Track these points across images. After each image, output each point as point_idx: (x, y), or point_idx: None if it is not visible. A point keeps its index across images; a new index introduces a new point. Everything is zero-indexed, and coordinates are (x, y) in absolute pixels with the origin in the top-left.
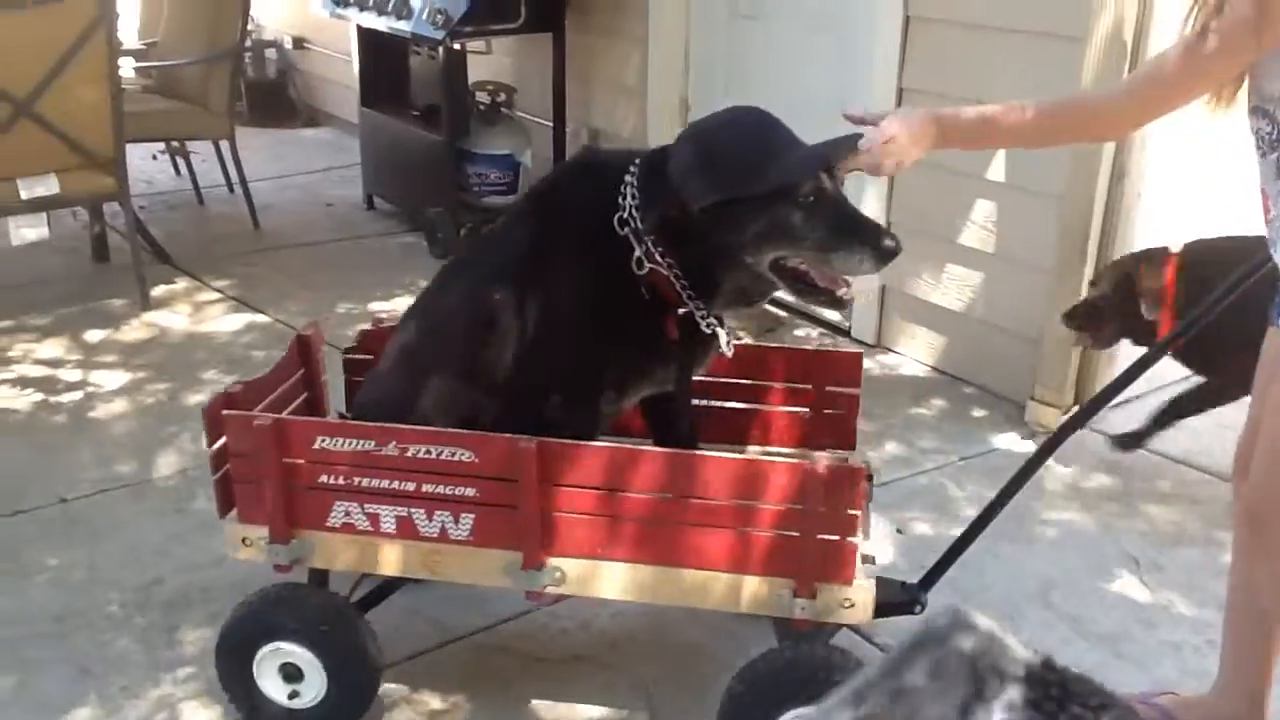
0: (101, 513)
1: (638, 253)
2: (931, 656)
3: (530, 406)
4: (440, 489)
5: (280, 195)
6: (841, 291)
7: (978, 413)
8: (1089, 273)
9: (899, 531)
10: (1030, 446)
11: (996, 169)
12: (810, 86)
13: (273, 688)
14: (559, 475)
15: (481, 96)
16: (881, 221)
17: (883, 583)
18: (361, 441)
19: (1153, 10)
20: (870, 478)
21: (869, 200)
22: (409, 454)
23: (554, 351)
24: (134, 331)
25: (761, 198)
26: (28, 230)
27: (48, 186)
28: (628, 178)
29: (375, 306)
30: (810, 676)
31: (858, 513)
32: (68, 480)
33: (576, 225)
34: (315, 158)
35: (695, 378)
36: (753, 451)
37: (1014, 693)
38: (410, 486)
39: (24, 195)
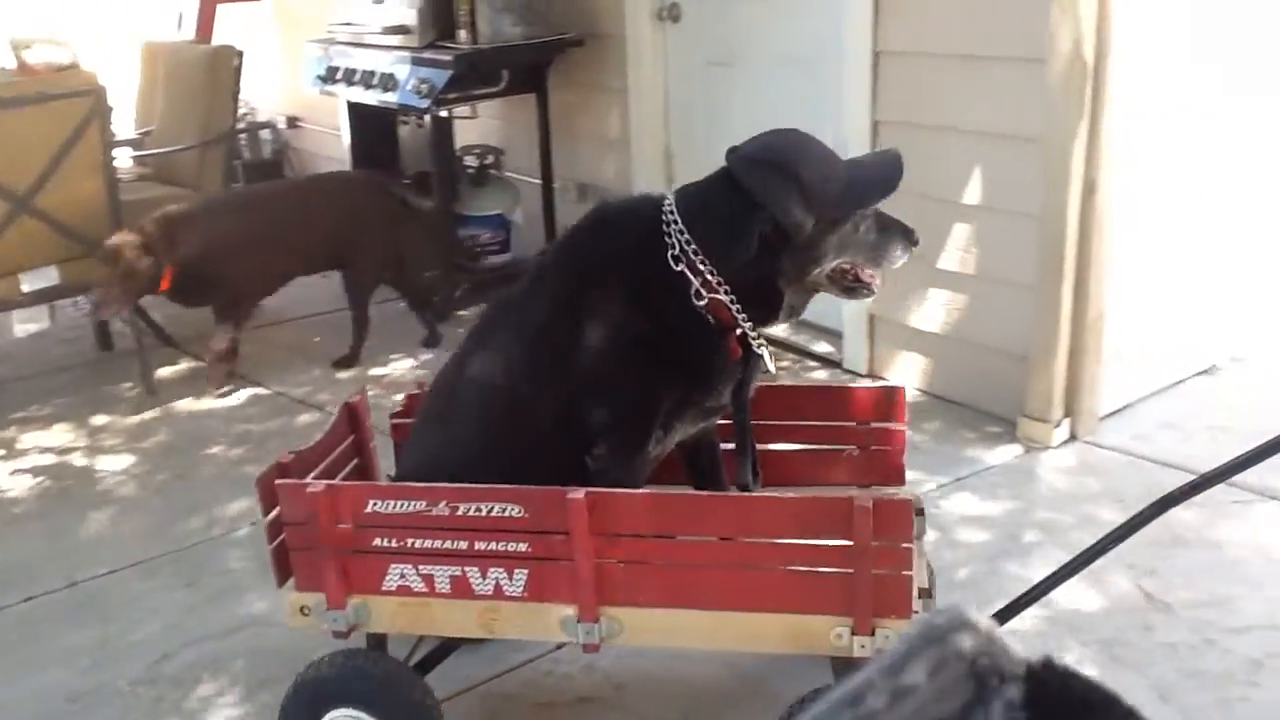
0: (111, 592)
1: (695, 284)
2: (931, 656)
3: (574, 459)
4: (493, 546)
5: None
6: (877, 283)
7: (969, 433)
8: (1069, 288)
9: None
10: (1024, 460)
11: (972, 193)
12: (784, 122)
13: None
14: (610, 525)
15: (470, 160)
16: None
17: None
18: (412, 503)
19: (1110, 29)
20: (921, 511)
21: None
22: (459, 512)
23: (605, 397)
24: (140, 414)
25: (844, 214)
26: (30, 323)
27: (48, 279)
28: (667, 218)
29: (376, 372)
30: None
31: (910, 546)
32: (77, 563)
33: (621, 271)
34: None
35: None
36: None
37: (1014, 692)
38: (463, 545)
39: (25, 289)
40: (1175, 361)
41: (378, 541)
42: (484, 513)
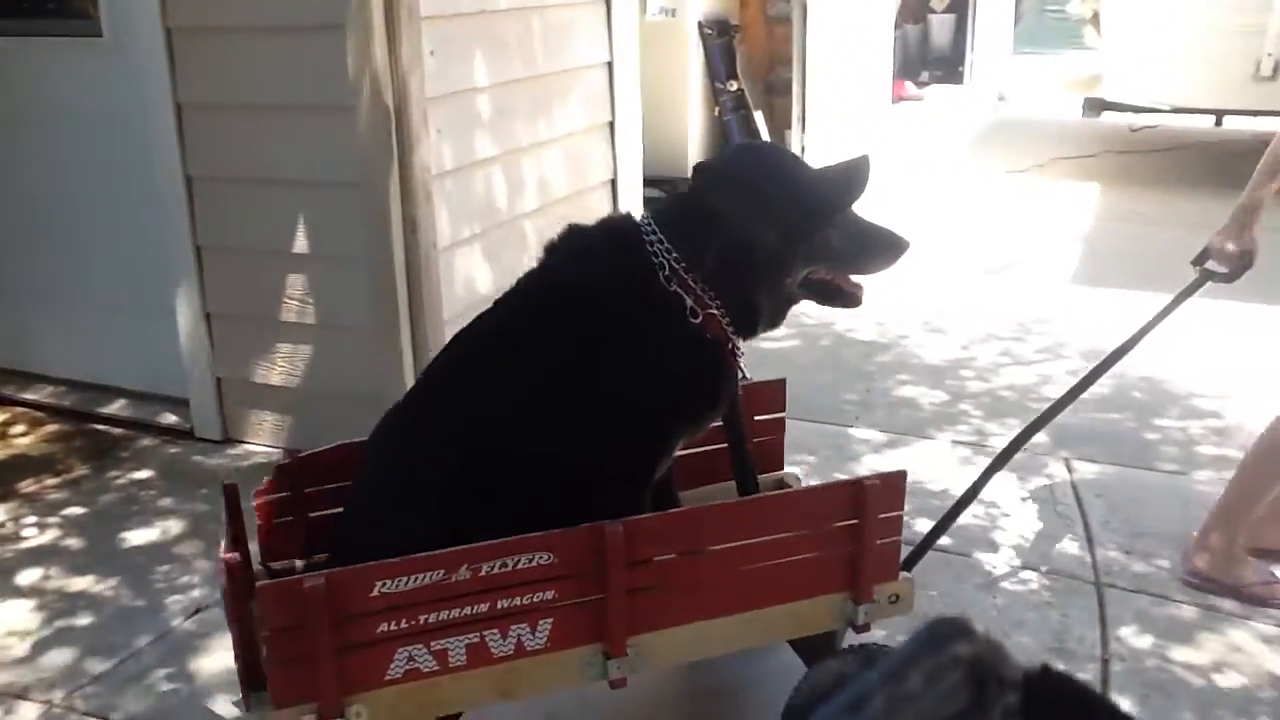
0: None
1: (689, 302)
2: (930, 663)
3: (569, 501)
4: (516, 601)
5: None
6: (862, 293)
7: None
8: (406, 325)
9: None
10: None
11: (301, 242)
12: (91, 184)
13: None
14: (646, 552)
15: None
16: (200, 310)
17: None
18: (429, 574)
19: (408, 76)
20: None
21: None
22: (483, 573)
23: (618, 435)
24: None
25: (810, 225)
26: None
27: None
28: (650, 238)
29: None
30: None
31: (902, 513)
32: None
33: (618, 296)
34: None
35: None
36: (701, 490)
37: (1012, 699)
38: (484, 608)
39: None
40: None
41: (382, 627)
42: (510, 567)
